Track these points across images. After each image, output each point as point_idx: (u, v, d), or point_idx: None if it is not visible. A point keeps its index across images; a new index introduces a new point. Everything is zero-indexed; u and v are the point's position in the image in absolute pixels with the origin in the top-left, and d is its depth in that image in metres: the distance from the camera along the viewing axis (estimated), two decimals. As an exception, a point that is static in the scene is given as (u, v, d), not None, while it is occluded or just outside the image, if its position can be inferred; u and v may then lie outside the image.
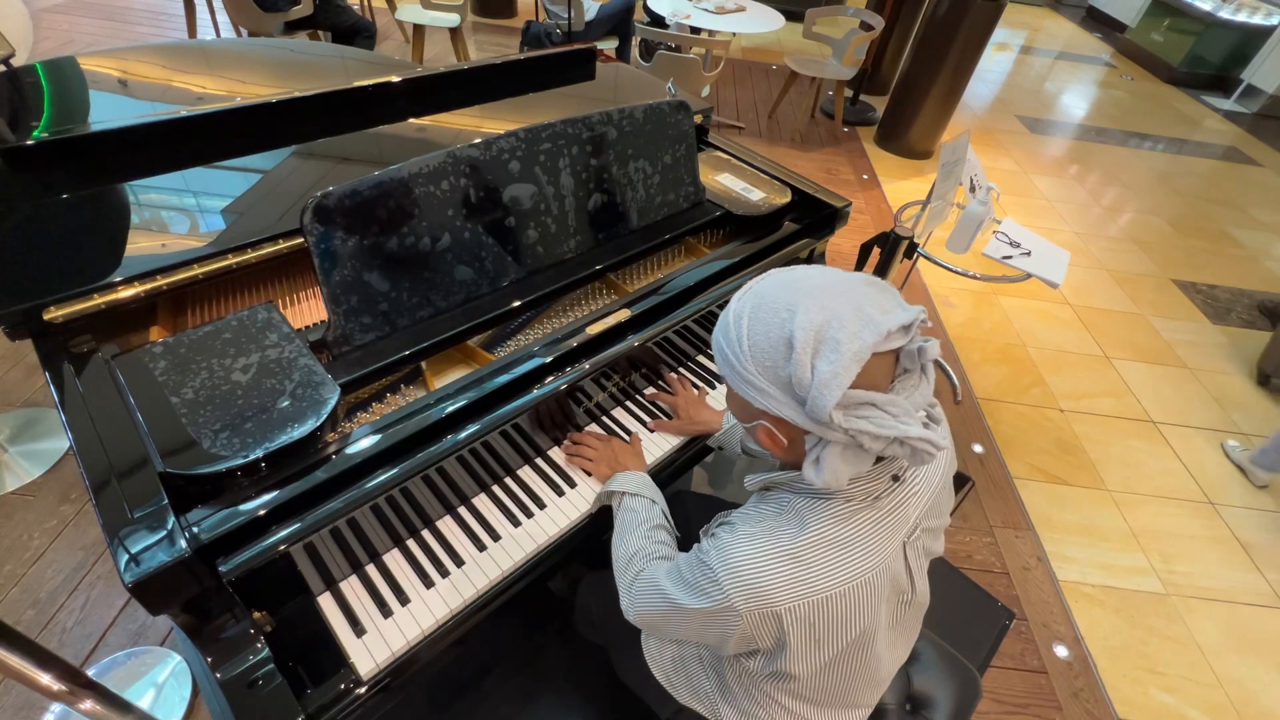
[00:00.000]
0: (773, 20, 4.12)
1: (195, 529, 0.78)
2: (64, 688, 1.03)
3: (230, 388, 0.88)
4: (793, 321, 0.64)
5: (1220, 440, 2.64)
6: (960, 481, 2.08)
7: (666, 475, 1.25)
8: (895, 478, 0.74)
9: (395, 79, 1.56)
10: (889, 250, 2.09)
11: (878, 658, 0.81)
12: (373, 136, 1.45)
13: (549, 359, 1.09)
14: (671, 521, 1.03)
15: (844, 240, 3.39)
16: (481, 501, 1.11)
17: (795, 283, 0.68)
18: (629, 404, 1.31)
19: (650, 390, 1.34)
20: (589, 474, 1.17)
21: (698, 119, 1.64)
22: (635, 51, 4.28)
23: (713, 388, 1.38)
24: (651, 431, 1.27)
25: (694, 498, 1.34)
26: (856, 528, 0.71)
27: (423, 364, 1.11)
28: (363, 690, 0.88)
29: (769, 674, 0.79)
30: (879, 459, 0.70)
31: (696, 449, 1.28)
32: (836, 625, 0.71)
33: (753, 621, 0.70)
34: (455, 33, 4.20)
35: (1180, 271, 3.68)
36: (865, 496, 0.72)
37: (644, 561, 0.92)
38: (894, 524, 0.74)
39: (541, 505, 1.12)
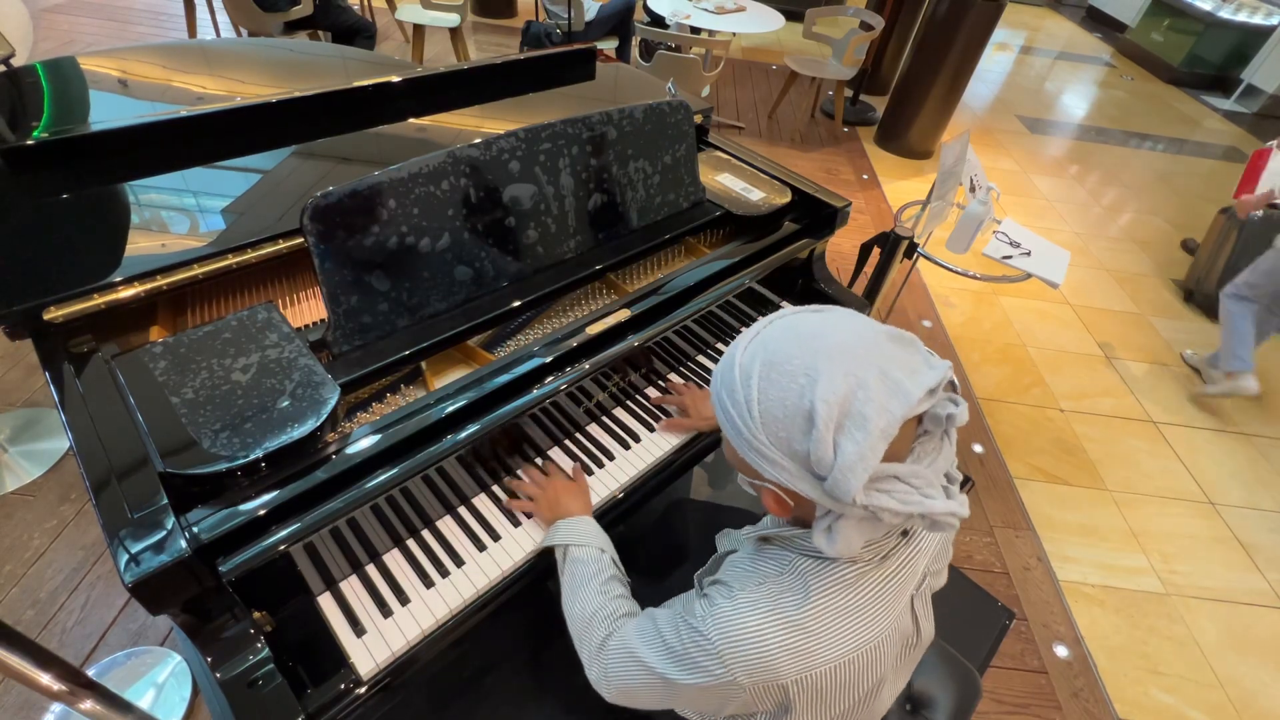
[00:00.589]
0: (773, 20, 4.12)
1: (195, 529, 0.78)
2: (64, 688, 1.03)
3: (230, 388, 0.88)
4: (813, 390, 0.57)
5: (1220, 440, 2.64)
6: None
7: (666, 476, 1.24)
8: (904, 533, 0.70)
9: (395, 79, 1.56)
10: (889, 250, 2.10)
11: (882, 701, 0.78)
12: (373, 136, 1.45)
13: (549, 359, 1.09)
14: (621, 568, 0.97)
15: (844, 240, 3.39)
16: (481, 501, 1.11)
17: (812, 338, 0.60)
18: (630, 404, 1.31)
19: (654, 394, 1.34)
20: (529, 516, 1.09)
21: (698, 119, 1.64)
22: (635, 51, 4.28)
23: (713, 387, 1.37)
24: (653, 432, 1.27)
25: (694, 505, 1.32)
26: (863, 592, 0.67)
27: (423, 364, 1.11)
28: (363, 690, 0.88)
29: None
30: None
31: (696, 449, 1.28)
32: (844, 689, 0.68)
33: (756, 693, 0.66)
34: (455, 33, 4.20)
35: (1180, 272, 3.68)
36: (873, 556, 0.67)
37: (608, 623, 0.85)
38: (903, 581, 0.70)
39: (541, 505, 1.12)
